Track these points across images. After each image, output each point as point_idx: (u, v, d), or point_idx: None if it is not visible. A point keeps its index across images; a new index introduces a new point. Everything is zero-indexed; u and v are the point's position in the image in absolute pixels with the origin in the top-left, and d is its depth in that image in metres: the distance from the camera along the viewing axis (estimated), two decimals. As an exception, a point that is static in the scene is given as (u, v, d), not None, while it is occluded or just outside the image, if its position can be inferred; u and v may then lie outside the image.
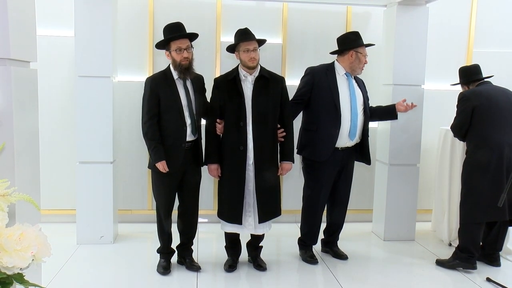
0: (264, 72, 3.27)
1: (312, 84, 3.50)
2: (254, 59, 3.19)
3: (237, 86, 3.22)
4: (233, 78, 3.24)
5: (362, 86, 3.65)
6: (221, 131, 3.27)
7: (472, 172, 3.44)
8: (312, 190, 3.60)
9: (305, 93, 3.53)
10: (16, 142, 1.87)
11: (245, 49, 3.19)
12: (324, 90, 3.47)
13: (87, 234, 3.89)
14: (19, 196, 1.53)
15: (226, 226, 3.33)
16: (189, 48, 3.18)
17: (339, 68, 3.55)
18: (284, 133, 3.33)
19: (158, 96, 3.15)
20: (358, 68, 3.52)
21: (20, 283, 1.49)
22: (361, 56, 3.50)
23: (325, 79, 3.49)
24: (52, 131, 4.35)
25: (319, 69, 3.57)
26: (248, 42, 3.19)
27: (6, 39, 1.81)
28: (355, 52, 3.49)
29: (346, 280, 3.32)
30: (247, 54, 3.18)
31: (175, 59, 3.16)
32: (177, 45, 3.15)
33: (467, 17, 4.74)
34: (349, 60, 3.51)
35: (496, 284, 3.25)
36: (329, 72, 3.52)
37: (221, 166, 3.29)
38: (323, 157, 3.48)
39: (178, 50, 3.14)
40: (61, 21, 4.30)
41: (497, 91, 3.51)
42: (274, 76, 3.33)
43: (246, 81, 3.24)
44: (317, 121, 3.49)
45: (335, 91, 3.46)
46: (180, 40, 3.16)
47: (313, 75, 3.53)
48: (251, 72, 3.24)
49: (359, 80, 3.65)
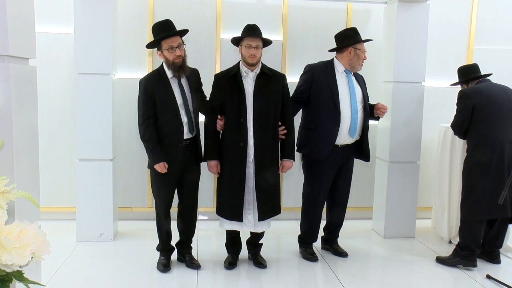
0: (265, 69, 3.26)
1: (311, 82, 3.49)
2: (254, 56, 3.17)
3: (238, 82, 3.20)
4: (234, 74, 3.23)
5: (362, 82, 3.64)
6: (222, 127, 3.26)
7: (472, 170, 3.44)
8: (311, 187, 3.59)
9: (304, 90, 3.52)
10: (16, 139, 1.86)
11: (247, 44, 3.18)
12: (323, 87, 3.46)
13: (87, 231, 3.89)
14: (18, 194, 1.53)
15: (225, 223, 3.32)
16: (180, 46, 3.13)
17: (338, 65, 3.54)
18: (285, 130, 3.33)
19: (153, 97, 3.11)
20: (357, 64, 3.51)
21: (19, 280, 1.49)
22: (360, 52, 3.49)
23: (324, 76, 3.48)
24: (52, 128, 4.34)
25: (318, 66, 3.56)
26: (252, 38, 3.18)
27: (5, 36, 1.81)
28: (353, 48, 3.48)
29: (346, 277, 3.33)
30: (248, 50, 3.17)
31: (168, 58, 3.12)
32: (168, 44, 3.10)
33: (467, 14, 4.72)
34: (348, 57, 3.50)
35: (496, 282, 3.25)
36: (328, 70, 3.51)
37: (221, 162, 3.28)
38: (322, 155, 3.47)
39: (170, 49, 3.09)
40: (61, 18, 4.29)
41: (497, 89, 3.50)
42: (275, 73, 3.32)
43: (247, 77, 3.23)
44: (317, 119, 3.48)
45: (334, 88, 3.45)
46: (171, 39, 3.10)
47: (312, 73, 3.52)
48: (252, 69, 3.23)
49: (359, 77, 3.64)
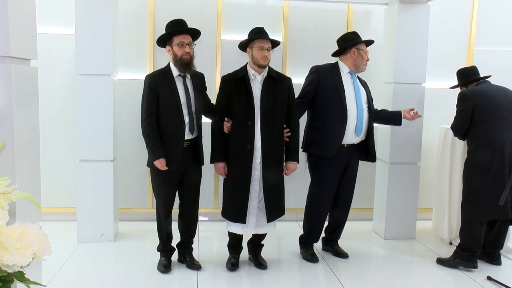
0: (272, 72, 3.29)
1: (318, 82, 3.53)
2: (266, 58, 3.19)
3: (246, 85, 3.21)
4: (242, 77, 3.24)
5: (366, 86, 3.69)
6: (229, 130, 3.26)
7: (473, 171, 3.44)
8: (317, 187, 3.60)
9: (310, 91, 3.55)
10: (17, 140, 1.87)
11: (260, 46, 3.19)
12: (330, 87, 3.50)
13: (87, 232, 3.89)
14: (20, 194, 1.53)
15: (231, 226, 3.33)
16: (191, 44, 3.19)
17: (343, 67, 3.59)
18: (290, 133, 3.34)
19: (157, 94, 3.15)
20: (362, 64, 3.55)
21: (20, 281, 1.49)
22: (362, 52, 3.54)
23: (330, 76, 3.53)
24: (53, 129, 4.35)
25: (325, 67, 3.60)
26: (263, 40, 3.20)
27: (7, 37, 1.81)
28: (356, 49, 3.53)
29: (347, 278, 3.32)
30: (261, 52, 3.18)
31: (176, 54, 3.15)
32: (179, 39, 3.15)
33: (468, 16, 4.73)
34: (352, 57, 3.54)
35: (497, 283, 3.24)
36: (334, 70, 3.57)
37: (227, 164, 3.29)
38: (330, 153, 3.48)
39: (180, 44, 3.14)
40: (62, 19, 4.29)
41: (497, 90, 3.51)
42: (281, 76, 3.36)
43: (255, 80, 3.24)
44: (324, 117, 3.51)
45: (340, 87, 3.50)
46: (183, 35, 3.17)
47: (319, 73, 3.56)
48: (260, 72, 3.24)
49: (362, 81, 3.70)
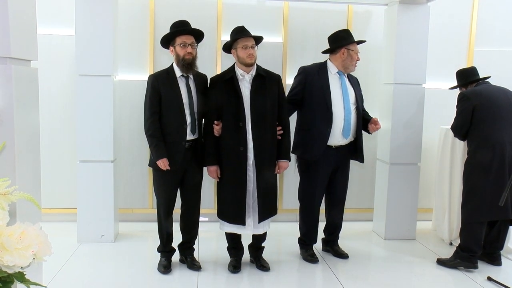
0: (260, 70, 3.25)
1: (305, 83, 3.51)
2: (252, 56, 3.17)
3: (234, 86, 3.19)
4: (230, 78, 3.21)
5: (356, 84, 3.64)
6: (219, 132, 3.23)
7: (473, 171, 3.44)
8: (307, 189, 3.60)
9: (298, 92, 3.54)
10: (17, 141, 1.87)
11: (244, 45, 3.17)
12: (316, 89, 3.48)
13: (87, 233, 3.90)
14: (20, 195, 1.53)
15: (226, 226, 3.32)
16: (193, 44, 3.21)
17: (331, 67, 3.55)
18: (282, 131, 3.32)
19: (159, 94, 3.17)
20: (350, 65, 3.52)
21: (21, 281, 1.49)
22: (352, 53, 3.50)
23: (317, 78, 3.50)
24: (53, 130, 4.35)
25: (312, 68, 3.58)
26: (246, 38, 3.17)
27: (7, 38, 1.81)
28: (346, 49, 3.49)
29: (347, 279, 3.32)
30: (246, 51, 3.16)
31: (179, 54, 3.17)
32: (182, 40, 3.17)
33: (468, 16, 4.73)
34: (341, 58, 3.51)
35: (497, 283, 3.24)
36: (321, 71, 3.53)
37: (221, 167, 3.27)
38: (314, 156, 3.48)
39: (183, 44, 3.16)
40: (62, 19, 4.30)
41: (497, 90, 3.51)
42: (270, 74, 3.32)
43: (244, 80, 3.22)
44: (310, 120, 3.50)
45: (326, 90, 3.47)
46: (186, 36, 3.19)
47: (305, 75, 3.54)
48: (248, 71, 3.22)
49: (353, 79, 3.65)
